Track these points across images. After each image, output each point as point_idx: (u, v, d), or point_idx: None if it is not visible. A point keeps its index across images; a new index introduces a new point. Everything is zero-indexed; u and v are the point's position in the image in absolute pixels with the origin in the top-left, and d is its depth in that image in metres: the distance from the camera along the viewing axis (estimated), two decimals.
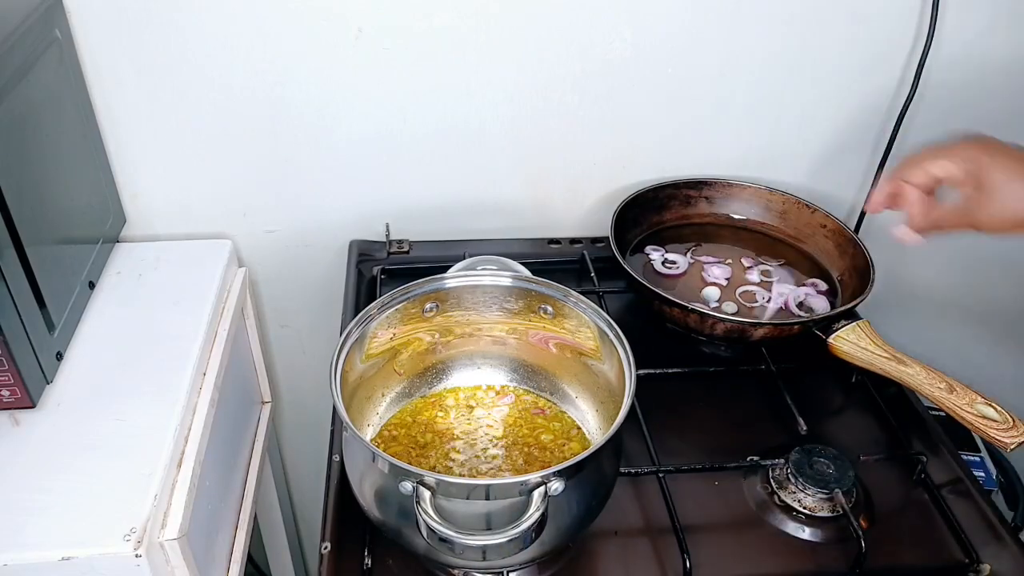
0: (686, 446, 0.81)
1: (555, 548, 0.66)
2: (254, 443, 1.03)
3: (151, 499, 0.68)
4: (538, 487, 0.58)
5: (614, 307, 0.96)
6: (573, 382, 0.80)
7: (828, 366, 0.85)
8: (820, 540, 0.73)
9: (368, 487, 0.65)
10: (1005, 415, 0.72)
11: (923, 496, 0.78)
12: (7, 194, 0.68)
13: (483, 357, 0.82)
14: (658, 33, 0.95)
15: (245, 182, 1.00)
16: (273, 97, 0.94)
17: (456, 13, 0.90)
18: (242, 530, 0.92)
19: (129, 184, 0.98)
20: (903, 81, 1.01)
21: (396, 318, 0.75)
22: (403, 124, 0.98)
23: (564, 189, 1.06)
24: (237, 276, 0.98)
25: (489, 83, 0.96)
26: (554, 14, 0.92)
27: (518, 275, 0.78)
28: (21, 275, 0.71)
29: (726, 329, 0.86)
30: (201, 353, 0.83)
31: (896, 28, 0.98)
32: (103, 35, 0.87)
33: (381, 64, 0.93)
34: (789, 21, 0.96)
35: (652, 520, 0.74)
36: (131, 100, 0.92)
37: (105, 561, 0.64)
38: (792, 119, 1.03)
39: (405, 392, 0.80)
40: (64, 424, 0.74)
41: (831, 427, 0.84)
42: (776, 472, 0.77)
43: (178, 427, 0.75)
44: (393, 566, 0.69)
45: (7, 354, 0.69)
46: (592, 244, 1.05)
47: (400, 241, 1.04)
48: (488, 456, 0.75)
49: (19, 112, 0.72)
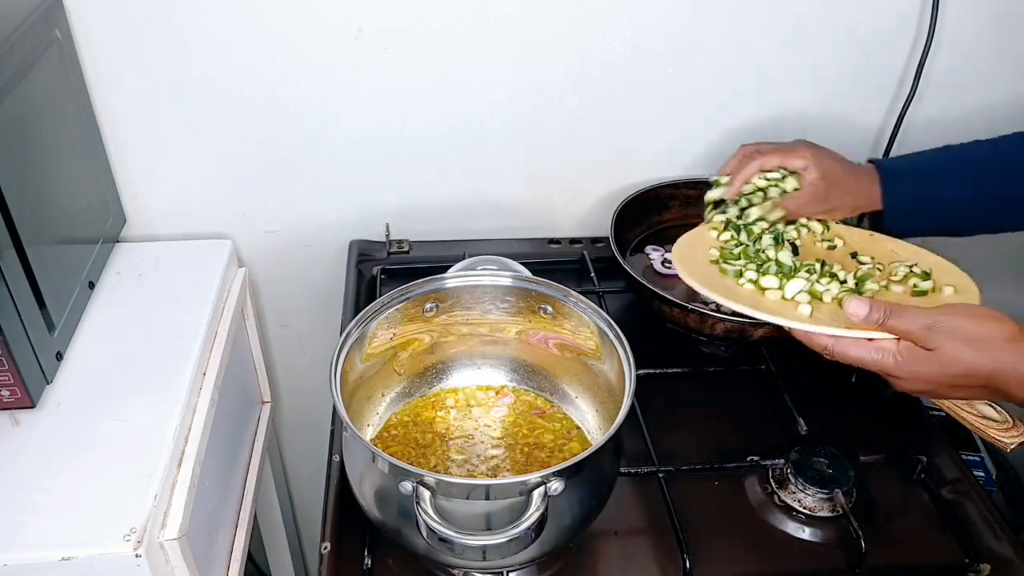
0: (686, 446, 0.81)
1: (555, 548, 0.66)
2: (254, 443, 1.03)
3: (151, 499, 0.68)
4: (538, 487, 0.58)
5: (614, 307, 0.96)
6: (573, 382, 0.80)
7: (828, 366, 0.85)
8: (820, 540, 0.73)
9: (368, 487, 0.65)
10: (1005, 415, 0.72)
11: (923, 496, 0.78)
12: (7, 194, 0.68)
13: (483, 357, 0.82)
14: (658, 33, 0.95)
15: (245, 182, 1.00)
16: (273, 97, 0.94)
17: (456, 13, 0.91)
18: (242, 530, 0.92)
19: (129, 184, 0.98)
20: (903, 81, 1.01)
21: (396, 318, 0.75)
22: (403, 124, 0.98)
23: (564, 189, 1.06)
24: (237, 276, 0.98)
25: (489, 83, 0.96)
26: (554, 14, 0.92)
27: (518, 275, 0.78)
28: (21, 275, 0.71)
29: (726, 329, 0.86)
30: (201, 353, 0.83)
31: (896, 28, 0.98)
32: (103, 35, 0.87)
33: (381, 64, 0.93)
34: (789, 22, 0.96)
35: (652, 520, 0.74)
36: (131, 100, 0.92)
37: (105, 561, 0.64)
38: (792, 119, 1.03)
39: (405, 392, 0.80)
40: (64, 424, 0.74)
41: (831, 427, 0.84)
42: (776, 472, 0.77)
43: (178, 427, 0.75)
44: (393, 566, 0.69)
45: (7, 354, 0.69)
46: (592, 244, 1.05)
47: (400, 241, 1.04)
48: (488, 456, 0.75)
49: (19, 112, 0.72)
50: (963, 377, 0.62)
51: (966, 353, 0.61)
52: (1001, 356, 0.61)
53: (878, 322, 0.65)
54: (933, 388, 0.65)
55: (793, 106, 1.02)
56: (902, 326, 0.64)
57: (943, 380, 0.63)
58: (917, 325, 0.63)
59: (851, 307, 0.66)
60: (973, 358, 0.61)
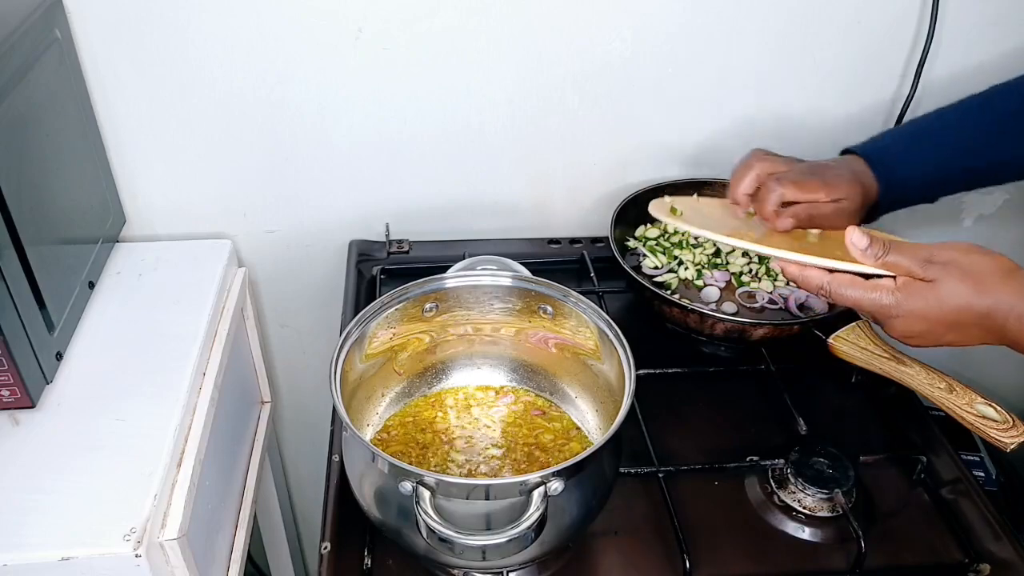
0: (686, 446, 0.81)
1: (555, 548, 0.66)
2: (254, 443, 1.03)
3: (151, 499, 0.68)
4: (538, 487, 0.58)
5: (614, 307, 0.96)
6: (573, 382, 0.80)
7: (828, 366, 0.85)
8: (820, 540, 0.73)
9: (368, 487, 0.65)
10: (1005, 415, 0.72)
11: (923, 496, 0.78)
12: (7, 194, 0.68)
13: (483, 357, 0.82)
14: (658, 33, 0.95)
15: (245, 182, 1.00)
16: (273, 97, 0.94)
17: (456, 13, 0.90)
18: (242, 530, 0.92)
19: (129, 184, 0.98)
20: (903, 81, 1.01)
21: (396, 318, 0.75)
22: (403, 124, 0.98)
23: (564, 189, 1.06)
24: (237, 276, 0.98)
25: (489, 83, 0.96)
26: (554, 14, 0.92)
27: (518, 275, 0.78)
28: (21, 275, 0.71)
29: (726, 329, 0.86)
30: (201, 353, 0.83)
31: (896, 28, 0.98)
32: (103, 35, 0.87)
33: (381, 64, 0.93)
34: (789, 22, 0.96)
35: (652, 520, 0.74)
36: (131, 100, 0.92)
37: (105, 561, 0.64)
38: (792, 119, 1.03)
39: (405, 392, 0.80)
40: (64, 424, 0.74)
41: (831, 427, 0.84)
42: (776, 472, 0.77)
43: (178, 427, 0.75)
44: (393, 566, 0.69)
45: (7, 354, 0.69)
46: (592, 244, 1.05)
47: (400, 241, 1.04)
48: (488, 456, 0.75)
49: (19, 112, 0.72)
50: (959, 312, 0.62)
51: (963, 286, 0.61)
52: (999, 294, 0.61)
53: (877, 256, 0.64)
54: (929, 327, 0.64)
55: (793, 106, 1.02)
56: (902, 261, 0.63)
57: (940, 317, 0.62)
58: (916, 258, 0.63)
59: (853, 236, 0.65)
60: (970, 291, 0.61)
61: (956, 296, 0.61)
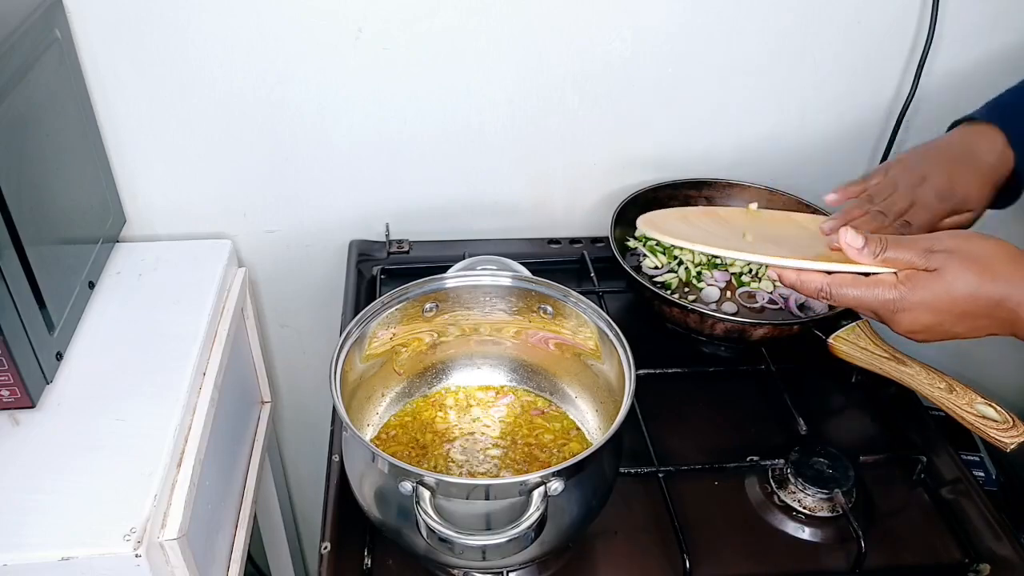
0: (686, 446, 0.81)
1: (555, 548, 0.66)
2: (254, 443, 1.03)
3: (151, 499, 0.68)
4: (538, 487, 0.58)
5: (614, 307, 0.96)
6: (573, 382, 0.80)
7: (828, 366, 0.85)
8: (820, 540, 0.73)
9: (368, 487, 0.65)
10: (1005, 415, 0.72)
11: (923, 496, 0.78)
12: (7, 194, 0.68)
13: (483, 357, 0.82)
14: (658, 33, 0.95)
15: (245, 182, 1.00)
16: (273, 97, 0.94)
17: (456, 13, 0.90)
18: (242, 530, 0.92)
19: (129, 184, 0.98)
20: (903, 81, 1.01)
21: (396, 318, 0.75)
22: (403, 124, 0.98)
23: (564, 189, 1.06)
24: (237, 276, 0.98)
25: (489, 83, 0.96)
26: (554, 14, 0.92)
27: (518, 275, 0.78)
28: (21, 275, 0.71)
29: (726, 329, 0.86)
30: (201, 353, 0.83)
31: (896, 28, 0.98)
32: (103, 35, 0.87)
33: (381, 64, 0.93)
34: (789, 22, 0.96)
35: (652, 520, 0.74)
36: (131, 100, 0.92)
37: (105, 561, 0.64)
38: (792, 119, 1.03)
39: (405, 392, 0.80)
40: (64, 424, 0.74)
41: (831, 427, 0.84)
42: (776, 472, 0.77)
43: (178, 427, 0.75)
44: (393, 566, 0.69)
45: (7, 354, 0.69)
46: (592, 244, 1.05)
47: (400, 241, 1.04)
48: (488, 456, 0.75)
49: (19, 112, 0.72)
50: (968, 300, 0.59)
51: (970, 273, 0.59)
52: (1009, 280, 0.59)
53: (876, 254, 0.61)
54: (938, 319, 0.61)
55: (793, 106, 1.03)
56: (902, 254, 0.61)
57: (949, 307, 0.60)
58: (917, 249, 0.60)
59: (847, 236, 0.62)
60: (978, 277, 0.59)
61: (964, 283, 0.59)
